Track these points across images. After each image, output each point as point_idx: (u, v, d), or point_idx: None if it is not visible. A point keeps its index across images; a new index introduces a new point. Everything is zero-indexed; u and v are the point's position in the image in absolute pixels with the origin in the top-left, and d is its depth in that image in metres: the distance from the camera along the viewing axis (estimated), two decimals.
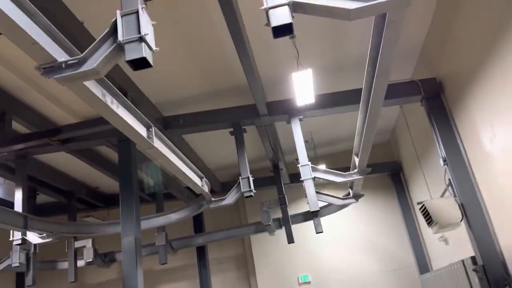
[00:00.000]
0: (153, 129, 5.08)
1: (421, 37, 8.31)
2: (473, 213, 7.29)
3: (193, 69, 8.14)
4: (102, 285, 13.57)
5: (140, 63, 3.43)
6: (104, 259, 11.13)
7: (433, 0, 7.40)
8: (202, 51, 7.69)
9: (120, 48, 3.42)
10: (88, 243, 10.21)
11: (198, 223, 13.30)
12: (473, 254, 7.51)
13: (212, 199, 8.25)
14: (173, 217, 8.96)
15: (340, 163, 11.01)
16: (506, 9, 5.38)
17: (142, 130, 4.93)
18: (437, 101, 8.03)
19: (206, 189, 7.46)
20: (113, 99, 4.33)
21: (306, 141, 11.82)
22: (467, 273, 7.81)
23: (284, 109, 8.65)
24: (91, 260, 10.14)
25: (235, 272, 13.34)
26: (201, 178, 7.24)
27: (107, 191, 13.14)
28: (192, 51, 7.64)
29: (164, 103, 8.77)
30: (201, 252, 12.92)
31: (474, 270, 7.17)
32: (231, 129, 8.70)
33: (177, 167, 5.92)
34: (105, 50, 3.47)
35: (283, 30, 3.43)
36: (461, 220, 7.43)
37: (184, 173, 6.21)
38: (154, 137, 5.11)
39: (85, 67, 3.46)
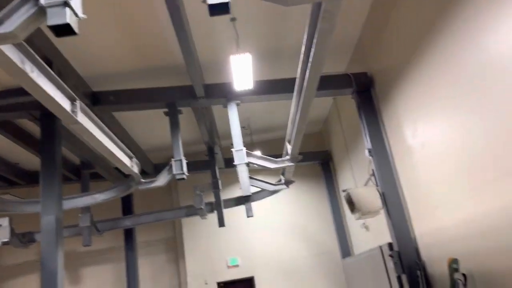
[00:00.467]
0: (78, 103, 4.79)
1: (357, 32, 8.62)
2: (392, 202, 7.78)
3: (128, 43, 7.77)
4: (20, 267, 12.76)
5: (64, 30, 3.18)
6: (22, 239, 10.45)
7: None
8: (139, 26, 7.35)
9: (41, 11, 3.15)
10: (4, 221, 9.46)
11: (127, 205, 12.91)
12: (390, 240, 8.05)
13: (142, 180, 8.02)
14: (99, 197, 8.59)
15: (275, 150, 11.22)
16: (432, 14, 5.72)
17: (65, 103, 4.62)
18: (367, 95, 8.41)
19: (135, 169, 7.24)
20: (34, 67, 4.01)
21: (243, 127, 11.86)
22: (383, 258, 8.37)
23: (221, 93, 8.58)
24: (7, 240, 9.43)
25: (164, 255, 13.18)
26: (130, 158, 7.00)
27: (28, 167, 12.28)
28: (128, 25, 7.29)
29: (95, 77, 8.30)
30: (129, 234, 12.59)
31: (390, 255, 7.69)
32: (166, 110, 8.47)
33: (104, 145, 5.66)
34: (24, 12, 3.18)
35: (219, 9, 3.36)
36: (381, 208, 7.90)
37: (112, 152, 5.95)
38: (79, 112, 4.82)
39: (1, 30, 3.15)
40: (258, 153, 9.52)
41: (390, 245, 7.93)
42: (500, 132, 4.64)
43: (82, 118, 4.95)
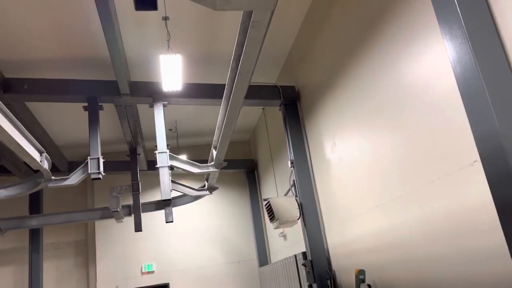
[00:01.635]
0: None
1: (287, 47, 8.89)
2: (309, 213, 8.06)
3: (49, 29, 7.24)
4: None
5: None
6: None
7: (300, 17, 7.98)
8: (63, 12, 6.89)
9: None
10: None
11: (35, 203, 11.90)
12: (305, 250, 8.30)
13: (53, 177, 7.45)
14: (2, 193, 7.80)
15: (202, 156, 11.08)
16: (354, 39, 6.08)
17: None
18: (293, 107, 8.68)
19: (45, 165, 6.71)
20: None
21: (170, 129, 11.63)
22: (297, 266, 8.61)
23: (148, 92, 8.30)
24: None
25: (72, 258, 12.34)
26: (40, 152, 6.48)
27: None
28: (54, 10, 6.78)
29: (8, 62, 7.61)
30: (35, 235, 11.61)
31: (303, 264, 7.93)
32: (85, 104, 7.99)
33: (10, 135, 5.17)
34: None
35: (146, 4, 3.25)
36: (298, 218, 8.14)
37: (18, 144, 5.46)
38: None
39: None
40: (183, 157, 9.34)
41: (304, 254, 8.19)
42: (407, 150, 5.02)
43: None
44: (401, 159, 5.17)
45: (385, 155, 5.55)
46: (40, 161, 6.44)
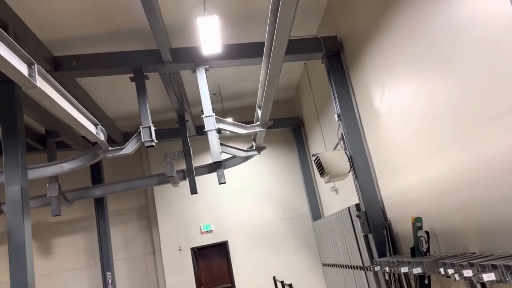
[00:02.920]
0: (35, 66, 4.56)
1: None
2: (359, 165, 7.96)
3: (90, 6, 7.38)
4: None
5: None
6: None
7: None
8: None
9: None
10: None
11: (96, 174, 12.71)
12: (358, 202, 8.29)
13: (110, 148, 7.85)
14: (66, 166, 8.37)
15: (247, 117, 11.18)
16: None
17: (22, 67, 4.39)
18: (337, 59, 8.40)
19: (101, 137, 7.06)
20: None
21: (213, 94, 11.75)
22: (351, 218, 8.65)
23: (189, 57, 8.36)
24: None
25: (136, 223, 13.17)
26: (96, 125, 6.81)
27: None
28: None
29: (56, 41, 7.91)
30: (100, 203, 12.45)
31: (358, 216, 7.95)
32: (132, 75, 8.21)
33: (66, 111, 5.46)
34: None
35: None
36: (349, 171, 8.08)
37: (75, 119, 5.76)
38: (37, 76, 4.60)
39: None
40: (229, 119, 9.46)
41: (357, 206, 8.18)
42: (463, 91, 4.75)
43: (41, 83, 4.73)
44: (456, 101, 4.91)
45: (438, 98, 5.29)
46: (96, 133, 6.78)
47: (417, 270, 5.45)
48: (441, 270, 4.91)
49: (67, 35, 7.92)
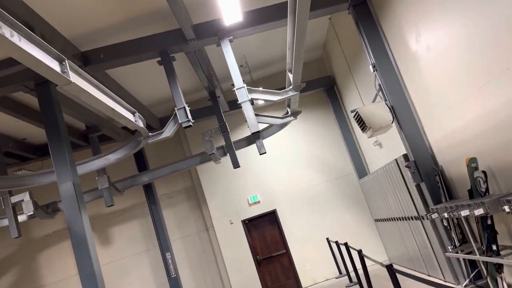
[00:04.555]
0: (66, 62, 4.60)
1: None
2: (402, 114, 7.67)
3: None
4: (50, 237, 13.25)
5: None
6: (47, 210, 10.71)
7: None
8: None
9: None
10: (25, 196, 9.65)
11: (141, 162, 13.05)
12: (405, 152, 8.04)
13: (150, 134, 7.96)
14: (112, 157, 8.62)
15: (276, 85, 10.99)
16: None
17: (54, 65, 4.44)
18: (364, 7, 8.00)
19: (140, 124, 7.15)
20: (13, 31, 3.81)
21: (241, 66, 11.59)
22: (400, 170, 8.42)
23: (212, 31, 8.23)
24: (32, 213, 9.68)
25: (186, 203, 13.50)
26: (133, 113, 6.89)
27: (36, 141, 12.30)
28: None
29: (80, 37, 7.96)
30: (149, 189, 12.83)
31: (407, 166, 7.72)
32: (159, 59, 8.20)
33: (104, 103, 5.53)
34: None
35: None
36: (392, 122, 7.81)
37: (113, 109, 5.83)
38: (70, 72, 4.64)
39: None
40: (260, 89, 9.32)
41: (405, 156, 7.94)
42: (504, 25, 4.38)
43: (75, 78, 4.78)
44: (503, 29, 4.54)
45: (481, 29, 4.92)
46: (135, 121, 6.87)
47: (479, 212, 5.25)
48: (506, 208, 4.70)
49: (90, 29, 7.95)
